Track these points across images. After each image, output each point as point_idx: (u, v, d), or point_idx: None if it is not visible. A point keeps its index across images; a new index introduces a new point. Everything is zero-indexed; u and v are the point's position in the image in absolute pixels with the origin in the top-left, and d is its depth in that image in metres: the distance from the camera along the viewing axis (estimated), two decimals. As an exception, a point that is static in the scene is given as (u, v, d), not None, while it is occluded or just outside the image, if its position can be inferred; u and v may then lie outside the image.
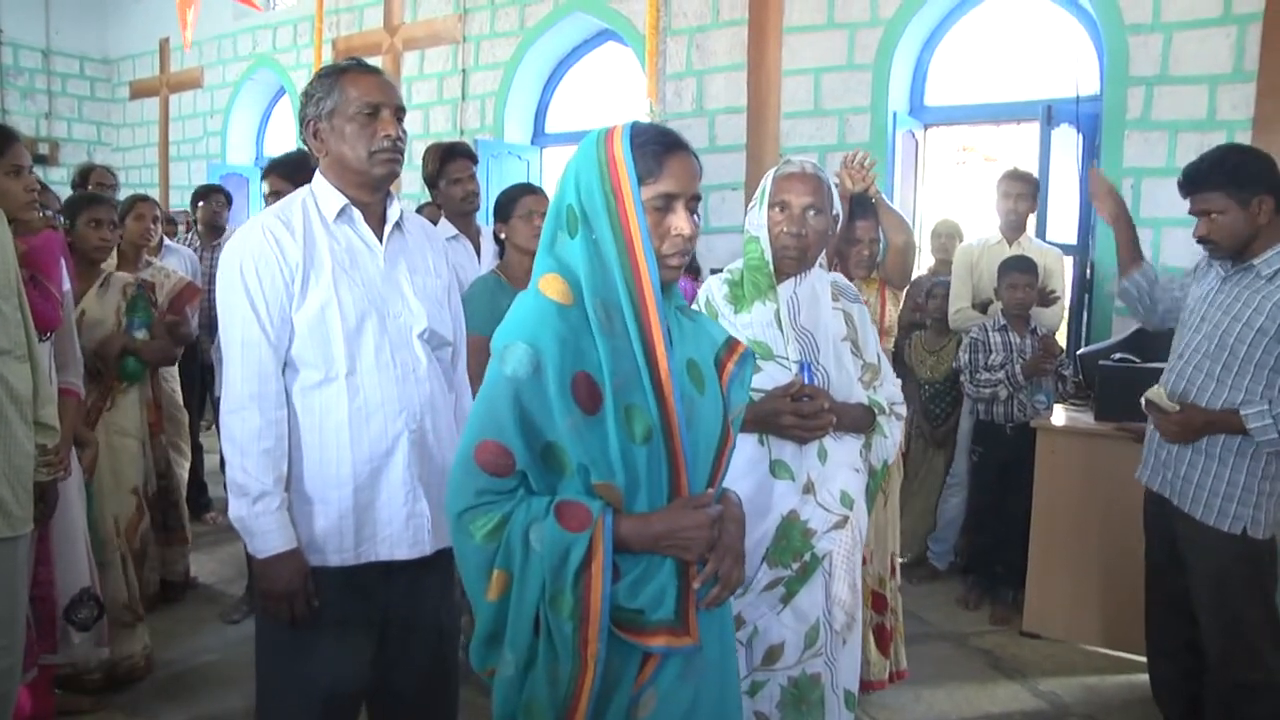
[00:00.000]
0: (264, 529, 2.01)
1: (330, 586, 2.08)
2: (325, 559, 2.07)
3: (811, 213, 2.30)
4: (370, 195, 2.13)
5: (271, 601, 2.05)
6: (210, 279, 5.45)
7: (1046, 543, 4.16)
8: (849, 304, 2.50)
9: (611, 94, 7.90)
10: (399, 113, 2.11)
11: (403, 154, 2.12)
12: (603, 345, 1.52)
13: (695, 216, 1.61)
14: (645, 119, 6.57)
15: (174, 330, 4.12)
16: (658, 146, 1.58)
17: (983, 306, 4.83)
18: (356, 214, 2.11)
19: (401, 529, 2.10)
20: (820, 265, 2.43)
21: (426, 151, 4.17)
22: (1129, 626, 3.63)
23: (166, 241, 5.47)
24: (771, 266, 2.34)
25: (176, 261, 5.25)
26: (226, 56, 10.00)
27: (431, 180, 4.07)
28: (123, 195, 5.19)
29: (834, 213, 2.39)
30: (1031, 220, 5.07)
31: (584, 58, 8.02)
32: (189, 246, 5.80)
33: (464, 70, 8.13)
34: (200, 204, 5.94)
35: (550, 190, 5.41)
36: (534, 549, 1.50)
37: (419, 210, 4.12)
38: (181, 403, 4.83)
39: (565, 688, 1.54)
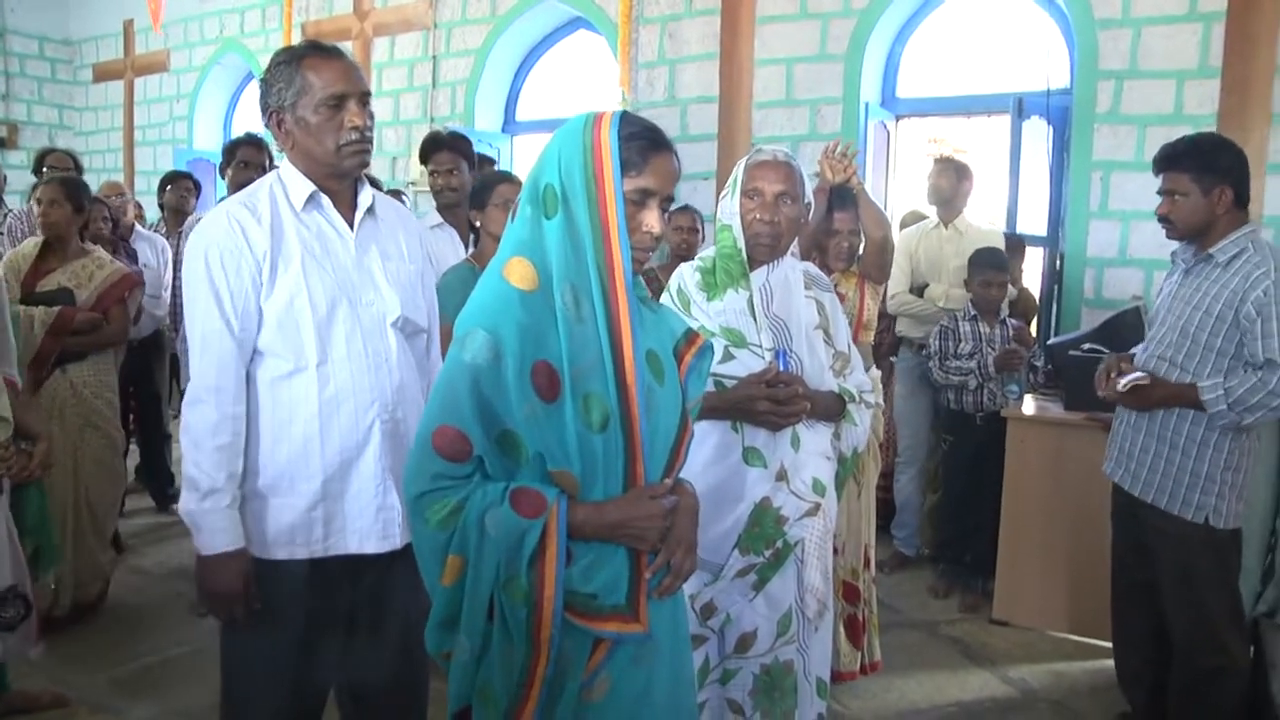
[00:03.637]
0: (211, 526, 1.97)
1: (298, 578, 2.05)
2: (293, 551, 2.04)
3: (784, 200, 2.31)
4: (339, 184, 2.09)
5: (212, 601, 2.02)
6: (179, 266, 5.42)
7: (1016, 531, 4.20)
8: (821, 293, 2.50)
9: (583, 82, 7.85)
10: (364, 99, 2.05)
11: (371, 142, 2.07)
12: (565, 332, 1.53)
13: (666, 217, 1.62)
14: (618, 108, 6.55)
15: (90, 329, 3.93)
16: (645, 142, 1.59)
17: (919, 290, 4.89)
18: (326, 200, 2.06)
19: (371, 522, 2.07)
20: (793, 253, 2.43)
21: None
22: (1096, 613, 3.66)
23: (137, 228, 5.42)
24: (744, 254, 2.34)
25: (148, 248, 5.22)
26: (193, 39, 9.84)
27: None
28: (86, 180, 5.13)
29: (806, 201, 2.39)
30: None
31: (555, 45, 7.97)
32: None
33: (435, 57, 8.05)
34: (167, 190, 5.90)
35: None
36: (489, 535, 1.51)
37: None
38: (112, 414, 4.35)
39: (519, 672, 1.55)
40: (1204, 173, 2.82)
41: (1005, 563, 4.24)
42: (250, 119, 9.96)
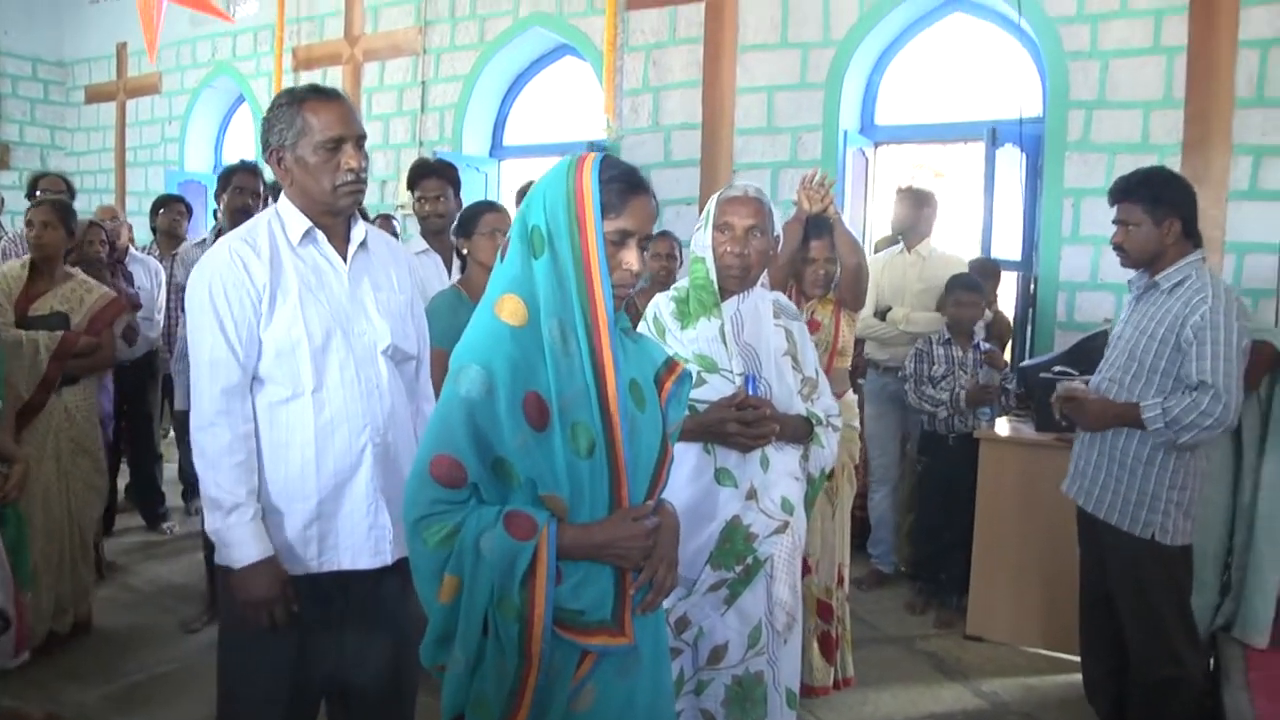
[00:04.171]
0: (239, 540, 2.07)
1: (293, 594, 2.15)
2: (290, 568, 2.14)
3: (754, 233, 2.44)
4: (334, 220, 2.20)
5: (251, 609, 2.10)
6: (173, 288, 5.51)
7: (989, 550, 4.31)
8: (789, 321, 2.62)
9: (569, 108, 7.95)
10: (360, 141, 2.17)
11: (365, 183, 2.19)
12: (553, 365, 1.64)
13: (645, 254, 1.73)
14: (602, 134, 6.69)
15: (89, 352, 3.98)
16: (623, 185, 1.70)
17: (882, 314, 5.03)
18: (321, 235, 2.18)
19: (363, 539, 2.18)
20: (762, 284, 2.55)
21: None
22: (1067, 629, 3.76)
23: (132, 251, 5.50)
24: (716, 285, 2.47)
25: (141, 271, 5.30)
26: (185, 63, 9.92)
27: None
28: (79, 201, 5.22)
29: (775, 234, 2.52)
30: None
31: (542, 72, 8.09)
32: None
33: (424, 82, 8.16)
34: (159, 213, 5.96)
35: (510, 204, 5.55)
36: (484, 556, 1.61)
37: (374, 220, 4.22)
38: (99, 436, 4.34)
39: (511, 683, 1.65)
40: (1156, 205, 2.98)
41: (978, 580, 4.35)
42: (241, 142, 10.07)
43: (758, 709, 2.42)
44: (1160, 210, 2.98)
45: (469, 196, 6.07)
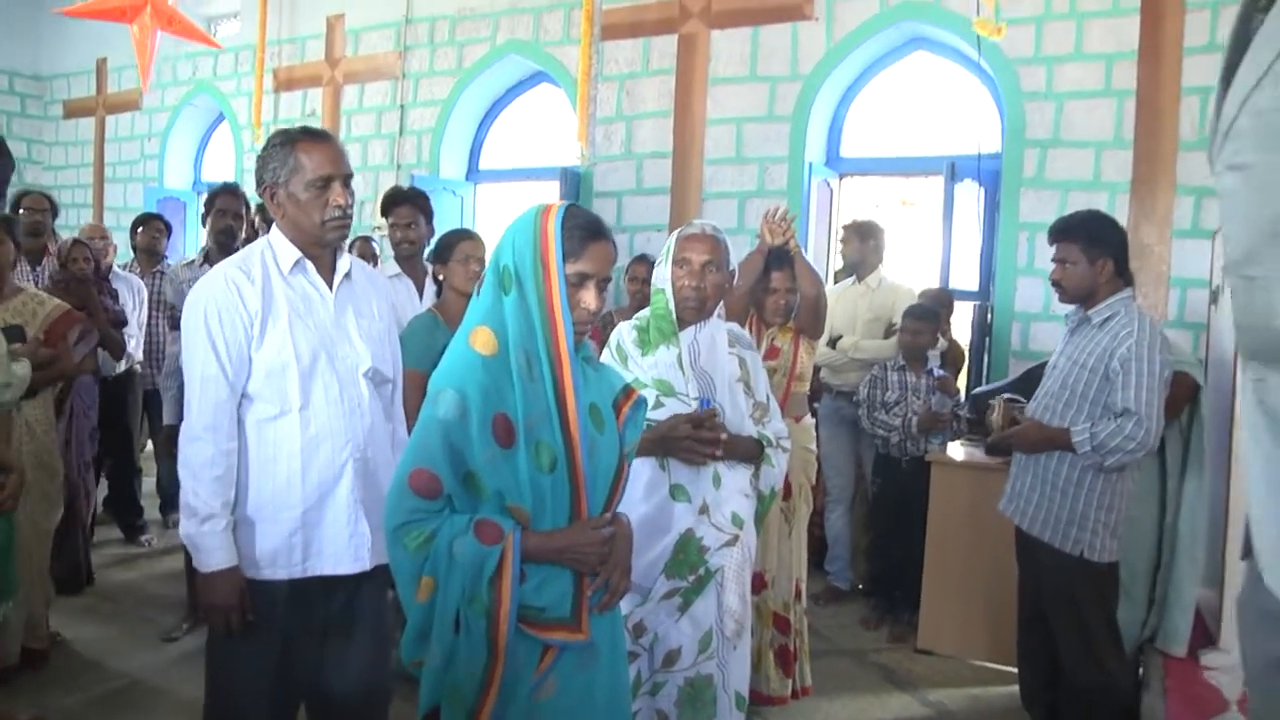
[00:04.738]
0: (209, 546, 2.25)
1: (277, 597, 2.33)
2: (275, 572, 2.32)
3: (709, 268, 2.64)
4: (322, 251, 2.39)
5: (211, 613, 2.29)
6: (155, 306, 5.63)
7: (940, 568, 4.50)
8: (743, 350, 2.83)
9: (544, 134, 8.15)
10: (348, 180, 2.36)
11: (351, 219, 2.38)
12: (520, 390, 1.83)
13: (604, 295, 1.93)
14: (576, 161, 6.89)
15: (51, 364, 3.91)
16: (584, 232, 1.89)
17: (833, 342, 5.23)
18: (310, 265, 2.37)
19: (345, 546, 2.36)
20: (718, 315, 2.75)
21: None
22: (1012, 643, 3.90)
23: (115, 269, 5.60)
24: (674, 315, 2.67)
25: (125, 289, 5.41)
26: (166, 80, 9.99)
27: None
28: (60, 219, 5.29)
29: (730, 269, 2.72)
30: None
31: (518, 98, 8.27)
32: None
33: (402, 106, 8.33)
34: (139, 231, 6.02)
35: (485, 230, 5.76)
36: (456, 558, 1.80)
37: (353, 244, 4.37)
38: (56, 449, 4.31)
39: (480, 675, 1.84)
40: (1091, 245, 3.22)
41: (929, 596, 4.54)
42: (221, 160, 10.18)
43: (708, 709, 2.60)
44: (1094, 250, 3.21)
45: (445, 219, 6.27)
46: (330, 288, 2.40)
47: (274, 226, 2.39)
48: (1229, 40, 1.44)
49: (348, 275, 2.45)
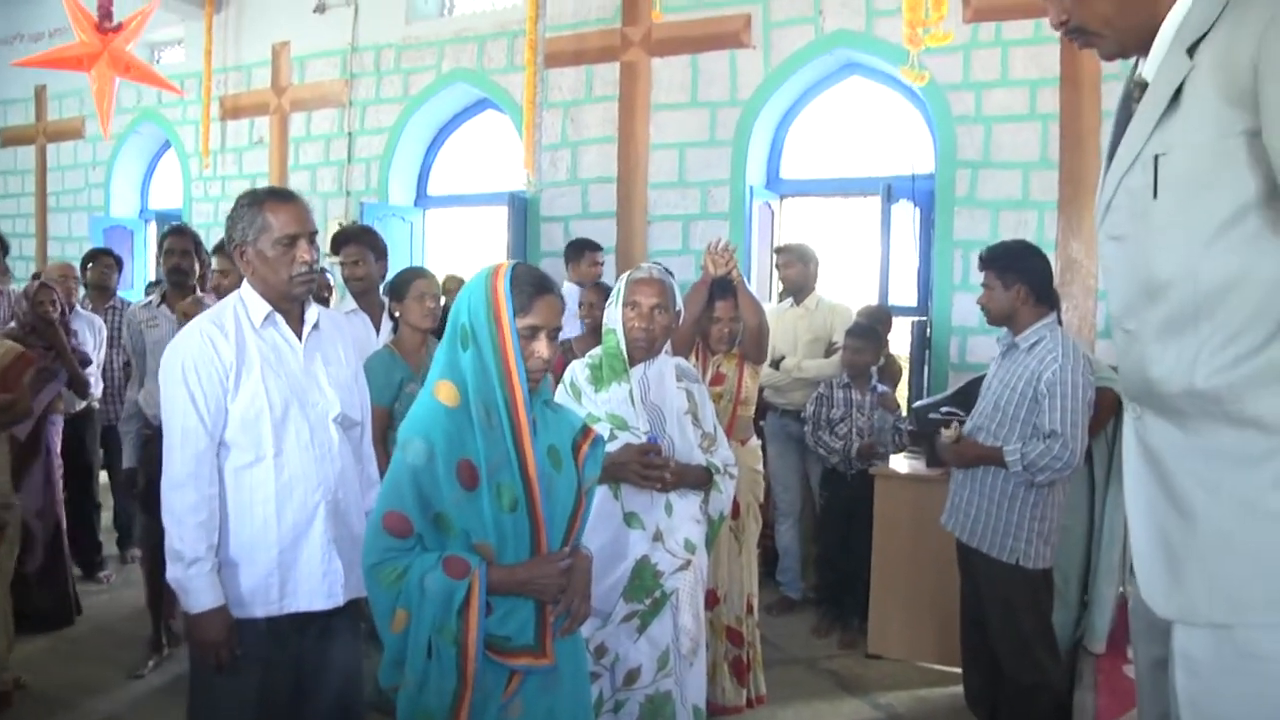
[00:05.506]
0: (197, 589, 2.36)
1: (256, 634, 2.44)
2: (252, 611, 2.43)
3: (658, 310, 2.83)
4: (290, 304, 2.52)
5: (202, 649, 2.40)
6: (111, 343, 5.66)
7: (886, 575, 4.68)
8: (690, 384, 3.01)
9: (491, 159, 8.27)
10: (313, 237, 2.49)
11: (317, 274, 2.52)
12: (481, 437, 1.99)
13: (554, 344, 2.09)
14: (523, 187, 7.03)
15: (10, 407, 3.92)
16: (532, 288, 2.06)
17: (776, 363, 5.38)
18: (280, 318, 2.50)
19: (319, 584, 2.48)
20: (666, 352, 2.92)
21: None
22: (957, 644, 4.06)
23: (78, 308, 5.61)
24: (625, 354, 2.84)
25: (86, 328, 5.43)
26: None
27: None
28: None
29: (676, 309, 2.89)
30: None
31: (465, 124, 8.39)
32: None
33: (350, 133, 8.40)
34: (89, 267, 6.04)
35: (435, 255, 5.93)
36: (427, 592, 1.96)
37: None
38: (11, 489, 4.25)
39: (451, 699, 2.00)
40: (1005, 273, 3.45)
41: (877, 603, 4.72)
42: (168, 187, 10.10)
43: (667, 724, 2.77)
44: (1009, 277, 3.43)
45: (395, 246, 6.37)
46: (300, 338, 2.53)
47: (245, 282, 2.51)
48: (1114, 121, 1.64)
49: (316, 325, 2.58)
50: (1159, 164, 1.48)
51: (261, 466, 2.41)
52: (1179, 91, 1.45)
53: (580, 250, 6.09)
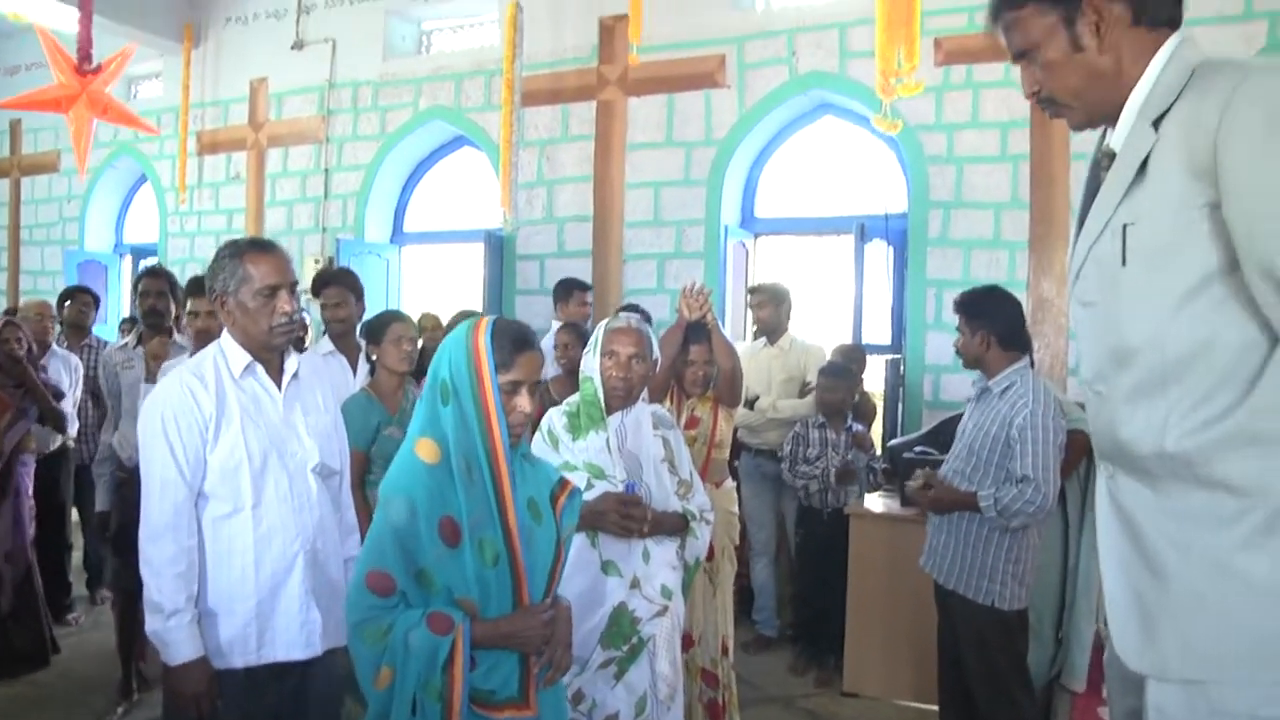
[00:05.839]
0: (176, 640, 2.35)
1: (235, 684, 2.43)
2: (231, 661, 2.43)
3: (635, 360, 2.86)
4: (270, 354, 2.53)
5: (182, 702, 2.38)
6: (86, 381, 5.63)
7: (861, 614, 4.70)
8: (667, 431, 3.04)
9: (467, 196, 8.30)
10: (293, 288, 2.51)
11: (296, 324, 2.53)
12: (463, 493, 2.01)
13: (535, 398, 2.11)
14: (500, 225, 7.06)
15: None
16: (512, 344, 2.08)
17: (750, 403, 5.41)
18: (259, 369, 2.51)
19: (297, 634, 2.48)
20: (643, 400, 2.94)
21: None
22: (933, 682, 4.05)
23: (54, 347, 5.56)
24: (603, 402, 2.86)
25: (62, 366, 5.39)
26: (85, 141, 9.92)
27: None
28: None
29: (653, 358, 2.92)
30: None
31: (441, 161, 8.43)
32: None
33: (327, 169, 8.42)
34: (67, 305, 6.02)
35: (411, 292, 5.95)
36: (411, 649, 1.96)
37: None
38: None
39: None
40: (970, 319, 3.52)
41: (852, 641, 4.74)
42: (144, 222, 10.04)
43: (645, 770, 2.77)
44: (974, 324, 3.51)
45: (371, 282, 6.38)
46: (279, 388, 2.54)
47: (225, 332, 2.52)
48: (1084, 189, 1.70)
49: (295, 375, 2.59)
50: (1127, 233, 1.53)
51: (240, 517, 2.42)
52: (1145, 163, 1.50)
53: (569, 290, 6.10)
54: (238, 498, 2.42)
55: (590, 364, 2.90)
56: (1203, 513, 1.49)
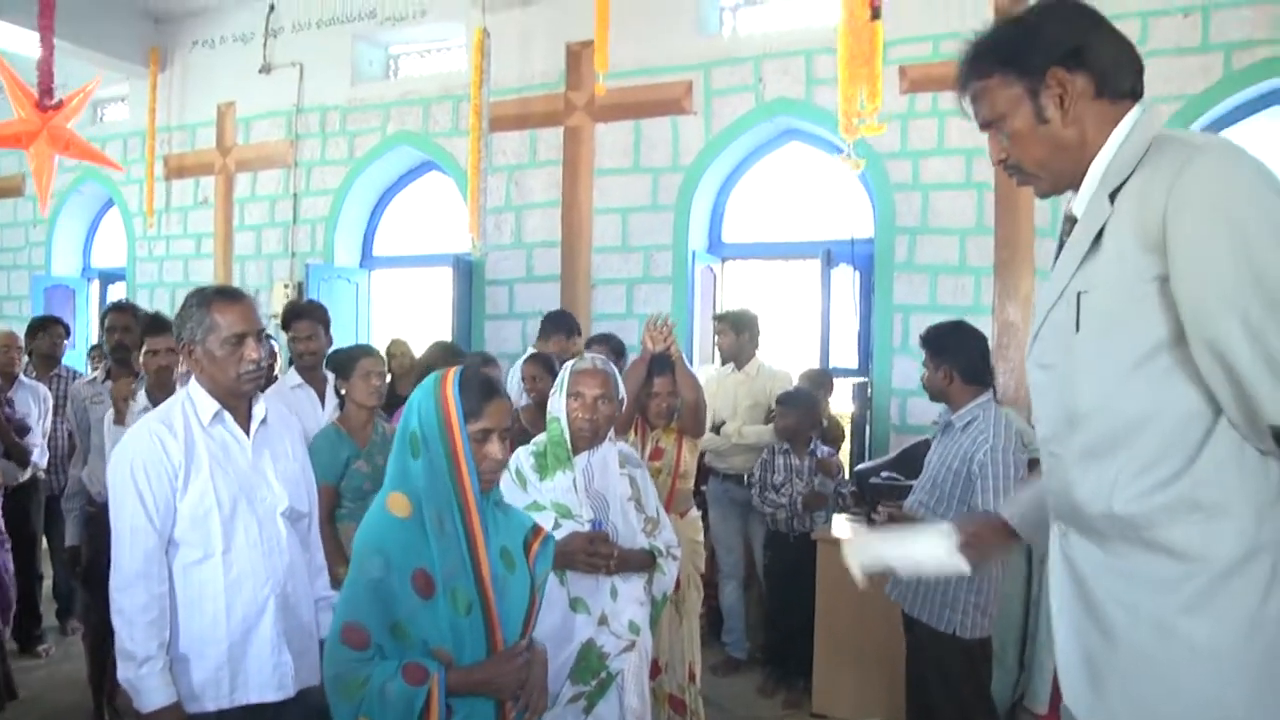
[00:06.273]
0: (149, 688, 2.37)
1: None
2: (203, 705, 2.44)
3: (601, 401, 2.90)
4: (238, 401, 2.56)
5: None
6: (57, 412, 5.60)
7: (829, 636, 4.74)
8: (633, 469, 3.09)
9: (436, 220, 8.34)
10: (260, 335, 2.54)
11: (264, 371, 2.56)
12: (435, 545, 2.04)
13: (505, 444, 2.15)
14: (468, 250, 7.09)
15: None
16: (480, 393, 2.12)
17: (716, 429, 5.45)
18: (228, 416, 2.54)
19: (269, 676, 2.50)
20: (610, 439, 2.99)
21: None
22: (901, 703, 4.06)
23: (21, 377, 5.55)
24: (569, 442, 2.91)
25: (31, 398, 5.38)
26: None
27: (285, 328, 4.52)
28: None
29: (619, 398, 2.97)
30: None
31: (409, 185, 8.46)
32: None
33: (295, 194, 8.43)
34: (38, 335, 5.97)
35: (380, 316, 5.97)
36: (388, 700, 1.99)
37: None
38: None
39: None
40: (935, 354, 3.59)
41: (821, 662, 4.78)
42: (111, 246, 9.98)
43: (615, 800, 2.81)
44: (937, 359, 3.58)
45: (340, 307, 6.40)
46: (248, 434, 2.57)
47: (193, 379, 2.55)
48: (1056, 245, 1.76)
49: (264, 420, 2.62)
50: (1081, 301, 1.59)
51: (210, 563, 2.44)
52: (1100, 234, 1.56)
53: (559, 326, 5.76)
54: (208, 544, 2.44)
55: (556, 405, 2.94)
56: (1148, 575, 1.55)
